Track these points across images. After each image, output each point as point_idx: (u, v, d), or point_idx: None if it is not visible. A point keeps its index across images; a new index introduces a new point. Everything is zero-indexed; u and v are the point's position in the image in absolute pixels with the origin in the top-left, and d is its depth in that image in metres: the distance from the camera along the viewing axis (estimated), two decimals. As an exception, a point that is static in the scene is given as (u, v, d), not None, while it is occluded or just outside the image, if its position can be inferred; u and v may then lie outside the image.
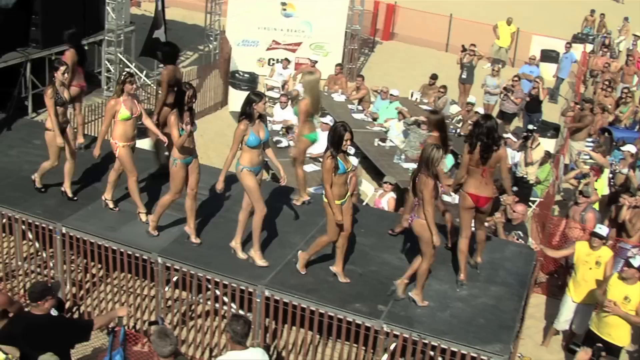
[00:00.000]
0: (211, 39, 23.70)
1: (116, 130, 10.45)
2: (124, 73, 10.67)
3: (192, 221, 10.41)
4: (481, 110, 18.82)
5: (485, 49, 27.30)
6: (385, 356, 9.50)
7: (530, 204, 15.53)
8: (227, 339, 7.84)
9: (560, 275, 13.81)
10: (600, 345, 9.41)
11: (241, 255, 10.18)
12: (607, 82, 21.52)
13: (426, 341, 9.10)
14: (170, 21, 26.09)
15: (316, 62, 21.56)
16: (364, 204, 14.51)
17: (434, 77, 20.93)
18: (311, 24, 24.19)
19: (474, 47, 22.53)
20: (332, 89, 20.78)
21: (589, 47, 29.66)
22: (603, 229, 11.37)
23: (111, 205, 11.09)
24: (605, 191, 15.36)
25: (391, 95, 19.00)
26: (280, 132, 16.82)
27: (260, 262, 10.06)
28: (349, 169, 9.47)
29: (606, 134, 18.77)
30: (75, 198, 11.25)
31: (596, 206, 14.56)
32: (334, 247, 9.90)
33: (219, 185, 9.71)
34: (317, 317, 9.56)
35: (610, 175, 15.92)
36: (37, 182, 11.37)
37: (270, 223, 10.84)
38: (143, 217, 10.86)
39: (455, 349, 9.01)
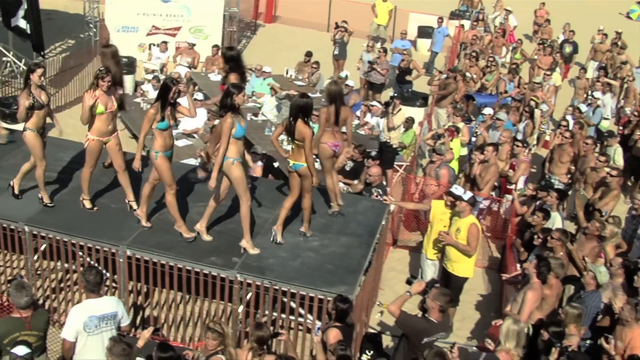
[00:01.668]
0: (91, 26, 23.87)
1: (91, 124, 10.47)
2: (100, 69, 10.57)
3: (145, 207, 10.65)
4: (351, 83, 19.63)
5: (365, 27, 28.10)
6: (242, 307, 10.18)
7: (397, 167, 16.37)
8: (82, 288, 8.40)
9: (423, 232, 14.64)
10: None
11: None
12: (473, 54, 22.57)
13: (277, 287, 9.80)
14: (52, 11, 26.26)
15: (194, 45, 22.03)
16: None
17: (309, 54, 21.61)
18: (189, 8, 24.56)
19: (345, 23, 23.32)
20: (209, 69, 21.26)
21: (467, 23, 30.61)
22: (458, 189, 11.90)
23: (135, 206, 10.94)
24: (464, 152, 16.30)
25: (264, 72, 19.63)
26: (155, 111, 17.27)
27: (252, 250, 10.35)
28: None
29: (470, 100, 19.78)
30: (52, 204, 11.09)
31: (455, 166, 15.46)
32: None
33: (212, 184, 9.86)
34: (176, 272, 10.16)
35: (474, 139, 16.91)
36: (15, 188, 11.17)
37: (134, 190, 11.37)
38: (87, 205, 11.01)
39: (303, 293, 9.75)
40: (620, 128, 19.73)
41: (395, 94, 17.67)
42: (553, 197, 12.71)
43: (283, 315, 10.28)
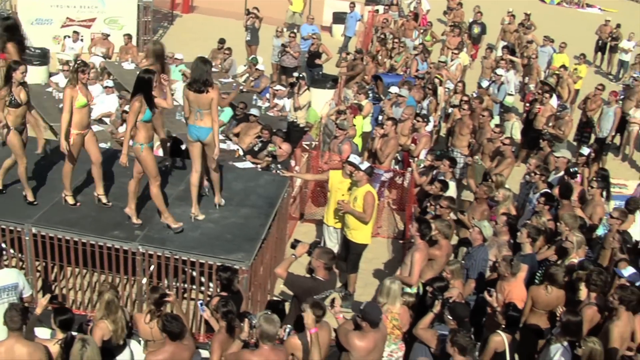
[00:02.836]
0: (4, 19, 23.84)
1: (73, 119, 10.49)
2: (78, 61, 10.72)
3: (133, 203, 10.78)
4: (261, 67, 20.10)
5: (282, 15, 28.50)
6: (145, 279, 10.60)
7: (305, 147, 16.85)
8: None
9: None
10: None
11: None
12: (381, 36, 23.22)
13: (177, 256, 10.25)
14: (-37, 6, 26.16)
15: (109, 35, 22.26)
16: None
17: (222, 41, 21.97)
18: (103, -1, 24.82)
19: (256, 10, 23.75)
20: (123, 58, 21.56)
21: (382, 9, 31.21)
22: (356, 158, 12.31)
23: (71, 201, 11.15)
24: (367, 128, 16.86)
25: (176, 59, 19.95)
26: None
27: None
28: None
29: (379, 80, 20.38)
30: (36, 202, 11.08)
31: (358, 142, 15.99)
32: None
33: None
34: (81, 247, 10.53)
35: (381, 117, 17.49)
36: (29, 197, 11.12)
37: (43, 173, 11.71)
38: (70, 200, 11.10)
39: (203, 261, 10.22)
40: (527, 105, 20.48)
41: (300, 75, 18.18)
42: (446, 166, 13.37)
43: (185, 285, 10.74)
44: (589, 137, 19.38)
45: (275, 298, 11.99)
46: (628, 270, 10.26)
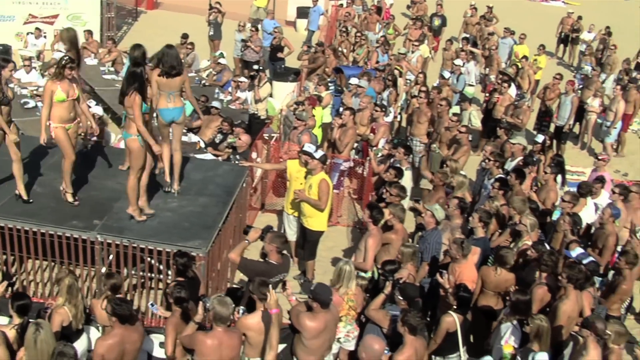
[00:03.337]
0: (-35, 16, 23.85)
1: (53, 112, 10.46)
2: (65, 57, 10.66)
3: (141, 198, 10.91)
4: (224, 61, 20.25)
5: (245, 10, 28.62)
6: (104, 268, 10.71)
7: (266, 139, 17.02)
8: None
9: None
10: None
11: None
12: (343, 29, 23.46)
13: (135, 245, 10.40)
14: None
15: (72, 31, 22.28)
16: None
17: (185, 36, 22.06)
18: (66, -5, 24.79)
19: (219, 5, 23.88)
20: (85, 54, 21.54)
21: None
22: (310, 147, 12.45)
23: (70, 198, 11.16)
24: (327, 119, 17.06)
25: (140, 54, 20.02)
26: (29, 95, 17.59)
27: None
28: None
29: (340, 73, 20.57)
30: (31, 200, 11.07)
31: (318, 133, 16.16)
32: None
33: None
34: (40, 238, 10.62)
35: (341, 109, 17.68)
36: (23, 194, 11.10)
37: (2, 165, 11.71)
38: (69, 198, 11.11)
39: (160, 248, 10.37)
40: (487, 95, 20.76)
41: (260, 67, 18.36)
42: (400, 153, 13.60)
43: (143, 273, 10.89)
44: (548, 125, 19.67)
45: (235, 285, 12.16)
46: (576, 251, 10.58)
